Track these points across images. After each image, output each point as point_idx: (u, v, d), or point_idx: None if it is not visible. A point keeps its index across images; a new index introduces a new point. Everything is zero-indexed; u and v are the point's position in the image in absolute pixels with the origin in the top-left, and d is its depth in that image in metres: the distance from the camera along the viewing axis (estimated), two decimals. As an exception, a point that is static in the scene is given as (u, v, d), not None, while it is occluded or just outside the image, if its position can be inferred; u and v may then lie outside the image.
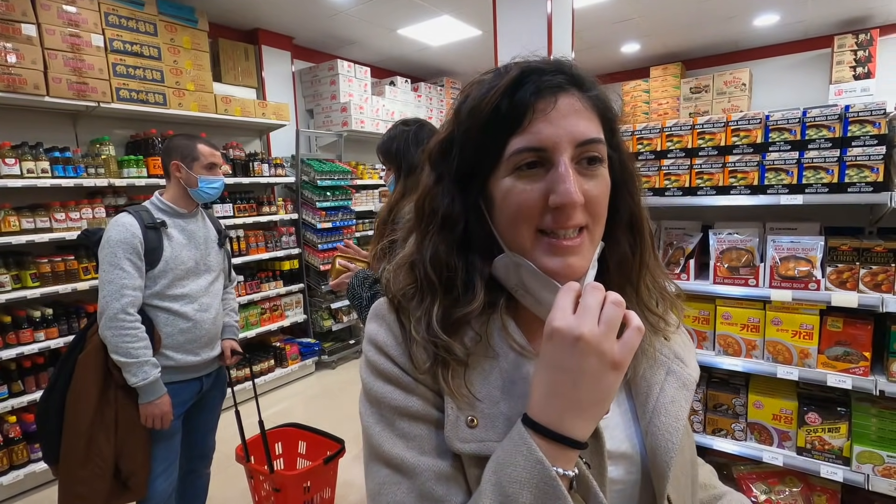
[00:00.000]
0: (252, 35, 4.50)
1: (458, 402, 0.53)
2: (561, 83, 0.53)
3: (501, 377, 0.55)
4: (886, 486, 1.54)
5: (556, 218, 0.51)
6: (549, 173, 0.52)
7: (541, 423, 0.46)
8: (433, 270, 0.57)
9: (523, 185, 0.52)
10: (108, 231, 1.70)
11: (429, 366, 0.54)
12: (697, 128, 1.78)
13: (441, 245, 0.57)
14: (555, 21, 3.09)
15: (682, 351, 0.65)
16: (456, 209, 0.57)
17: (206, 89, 3.67)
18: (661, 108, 5.89)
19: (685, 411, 0.60)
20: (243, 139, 4.36)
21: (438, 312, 0.55)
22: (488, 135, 0.54)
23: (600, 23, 4.88)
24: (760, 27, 5.15)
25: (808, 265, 1.63)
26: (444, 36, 5.00)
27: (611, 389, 0.46)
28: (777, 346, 1.70)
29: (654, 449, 0.57)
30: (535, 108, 0.52)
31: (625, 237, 0.60)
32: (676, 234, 1.98)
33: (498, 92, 0.53)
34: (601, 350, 0.45)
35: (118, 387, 1.67)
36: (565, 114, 0.52)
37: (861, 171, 1.52)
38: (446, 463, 0.52)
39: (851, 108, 1.55)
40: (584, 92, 0.54)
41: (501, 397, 0.54)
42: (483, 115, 0.54)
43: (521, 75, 0.53)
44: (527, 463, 0.45)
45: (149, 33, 3.33)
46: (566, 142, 0.51)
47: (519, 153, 0.52)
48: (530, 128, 0.52)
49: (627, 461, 0.58)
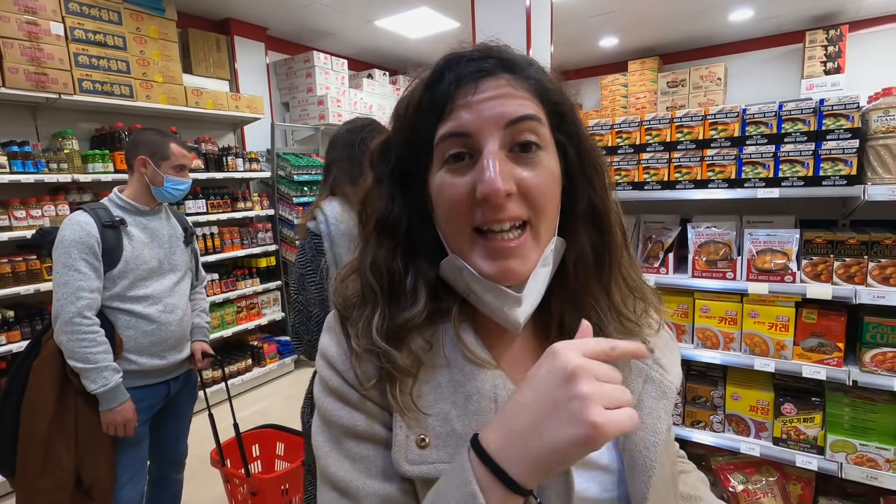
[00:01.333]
0: (224, 25, 4.36)
1: (407, 420, 0.49)
2: (486, 68, 0.50)
3: (454, 391, 0.50)
4: (859, 474, 1.57)
5: (486, 212, 0.47)
6: (476, 164, 0.48)
7: (485, 449, 0.40)
8: (373, 276, 0.53)
9: (452, 179, 0.49)
10: (62, 231, 1.61)
11: (375, 381, 0.50)
12: (676, 121, 1.77)
13: (381, 249, 0.54)
14: (533, 14, 3.06)
15: (662, 354, 0.59)
16: (395, 211, 0.54)
17: (176, 81, 3.54)
18: (639, 101, 5.93)
19: (665, 423, 0.55)
20: (216, 133, 4.23)
21: (380, 321, 0.51)
22: (417, 130, 0.51)
23: (579, 16, 4.88)
24: (735, 22, 5.22)
25: (783, 258, 1.64)
26: (422, 28, 4.93)
27: (572, 449, 0.37)
28: (754, 339, 1.71)
29: (633, 466, 0.52)
30: (454, 95, 0.49)
31: (586, 233, 0.55)
32: (655, 227, 1.98)
33: (421, 86, 0.51)
34: (588, 399, 0.37)
35: (77, 393, 1.59)
36: (489, 97, 0.48)
37: (835, 165, 1.53)
38: (393, 486, 0.48)
39: (826, 102, 1.55)
40: (514, 74, 0.50)
41: (455, 414, 0.49)
42: (410, 111, 0.52)
43: (444, 65, 0.51)
44: (460, 496, 0.40)
45: (113, 22, 3.19)
46: (492, 125, 0.47)
47: (444, 140, 0.49)
48: (452, 115, 0.49)
49: (607, 475, 0.54)
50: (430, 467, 0.47)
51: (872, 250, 1.52)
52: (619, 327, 0.56)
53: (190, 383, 1.97)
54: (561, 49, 5.83)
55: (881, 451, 1.54)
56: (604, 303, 0.56)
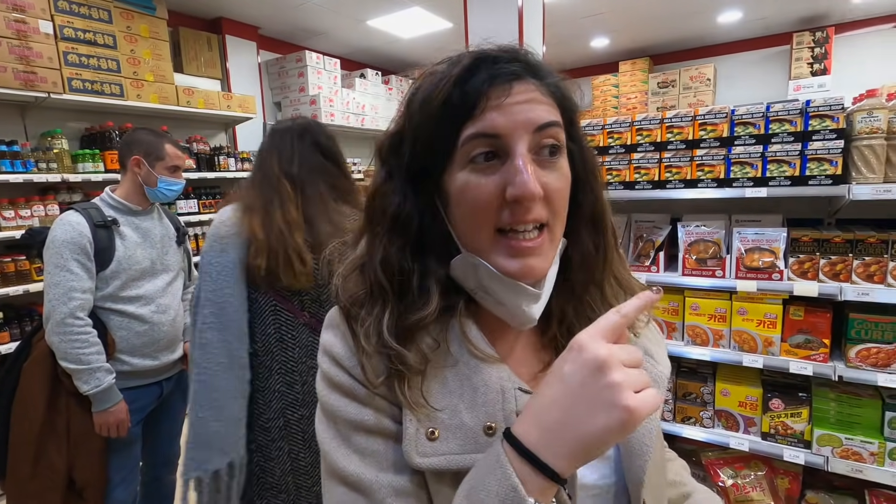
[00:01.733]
0: (215, 24, 4.34)
1: (416, 414, 0.50)
2: (516, 71, 0.50)
3: (462, 385, 0.51)
4: (844, 468, 1.61)
5: (514, 212, 0.48)
6: (505, 165, 0.49)
7: (523, 443, 0.42)
8: (384, 274, 0.53)
9: (478, 179, 0.49)
10: (53, 230, 1.60)
11: (383, 378, 0.51)
12: (666, 122, 1.80)
13: (392, 247, 0.53)
14: (526, 15, 3.08)
15: (653, 346, 0.62)
16: (407, 208, 0.53)
17: (167, 80, 3.52)
18: (630, 102, 5.98)
19: (658, 410, 0.58)
20: (207, 132, 4.20)
21: (390, 320, 0.52)
22: (440, 127, 0.50)
23: (570, 17, 4.91)
24: (724, 24, 5.28)
25: (771, 256, 1.67)
26: (415, 28, 4.94)
27: (609, 436, 0.40)
28: (743, 336, 1.74)
29: (630, 454, 0.55)
30: (488, 95, 0.48)
31: (588, 234, 0.57)
32: (646, 226, 2.01)
33: (450, 81, 0.50)
34: (620, 387, 0.39)
35: (69, 394, 1.58)
36: (521, 100, 0.49)
37: (821, 165, 1.56)
38: (405, 478, 0.49)
39: (812, 103, 1.58)
40: (540, 80, 0.51)
41: (463, 407, 0.50)
42: (434, 107, 0.50)
43: (474, 63, 0.50)
44: (500, 487, 0.41)
45: (103, 20, 3.16)
46: (522, 129, 0.48)
47: (472, 140, 0.49)
48: (483, 116, 0.48)
49: (605, 464, 0.56)
50: (440, 458, 0.48)
51: (857, 248, 1.55)
52: None
53: (183, 384, 1.96)
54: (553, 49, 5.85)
55: (866, 444, 1.58)
56: (598, 298, 0.58)
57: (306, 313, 1.30)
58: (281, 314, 1.30)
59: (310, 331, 1.30)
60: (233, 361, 1.23)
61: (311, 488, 1.30)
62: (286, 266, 1.22)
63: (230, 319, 1.23)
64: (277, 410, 1.29)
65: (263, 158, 1.37)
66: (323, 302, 1.30)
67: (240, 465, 1.25)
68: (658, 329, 0.68)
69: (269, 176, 1.32)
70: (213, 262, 1.24)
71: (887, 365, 1.53)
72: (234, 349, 1.24)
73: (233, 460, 1.23)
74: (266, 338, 1.29)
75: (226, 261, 1.24)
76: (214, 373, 1.21)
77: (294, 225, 1.24)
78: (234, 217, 1.29)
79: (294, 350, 1.29)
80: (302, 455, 1.30)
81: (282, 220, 1.24)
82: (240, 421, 1.25)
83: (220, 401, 1.21)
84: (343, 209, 1.33)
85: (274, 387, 1.29)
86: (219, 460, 1.21)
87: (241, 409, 1.26)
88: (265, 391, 1.29)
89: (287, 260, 1.22)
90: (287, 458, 1.29)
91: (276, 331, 1.29)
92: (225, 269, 1.24)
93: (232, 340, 1.23)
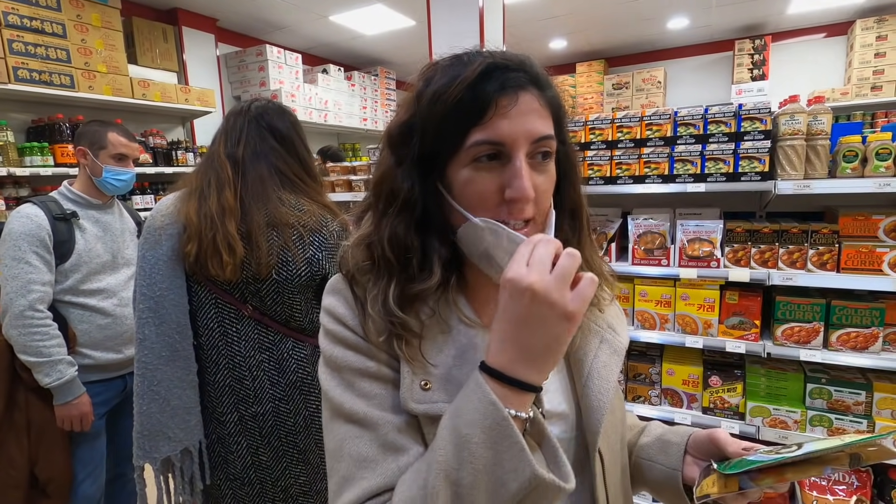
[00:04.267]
0: (171, 15, 4.22)
1: (413, 367, 0.57)
2: (522, 81, 0.56)
3: (455, 347, 0.60)
4: (773, 435, 1.79)
5: (511, 210, 0.56)
6: (505, 167, 0.56)
7: (495, 368, 0.49)
8: (391, 250, 0.59)
9: (481, 177, 0.56)
10: (10, 223, 1.57)
11: (384, 338, 0.58)
12: (616, 122, 1.93)
13: (400, 226, 0.59)
14: (486, 15, 3.17)
15: (615, 321, 0.72)
16: (416, 192, 0.59)
17: (121, 72, 3.41)
18: (587, 102, 6.21)
19: (616, 374, 0.66)
20: (164, 126, 4.09)
21: (395, 290, 0.58)
22: (450, 124, 0.56)
23: (530, 19, 5.06)
24: (673, 29, 5.57)
25: (710, 246, 1.83)
26: (378, 25, 4.95)
27: (562, 338, 0.47)
28: (685, 319, 1.90)
29: (588, 409, 0.63)
30: (497, 103, 0.54)
31: (567, 223, 0.65)
32: (599, 220, 2.14)
33: (463, 84, 0.54)
34: (551, 299, 0.46)
35: (28, 390, 1.56)
36: (525, 112, 0.55)
37: (752, 163, 1.73)
38: (403, 419, 0.57)
39: (744, 107, 1.75)
40: (541, 91, 0.58)
41: (454, 364, 0.59)
42: (446, 105, 0.55)
43: (487, 69, 0.55)
44: (480, 405, 0.48)
45: (51, 7, 3.03)
46: (523, 138, 0.55)
47: (478, 145, 0.55)
48: (491, 123, 0.54)
49: (564, 421, 0.64)
50: (432, 405, 0.56)
51: (782, 238, 1.73)
52: None
53: None
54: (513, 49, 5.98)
55: (790, 413, 1.76)
56: None
57: (249, 306, 1.24)
58: (223, 307, 1.23)
59: (255, 324, 1.24)
60: (175, 354, 1.20)
61: (276, 482, 1.28)
62: (213, 255, 1.15)
63: (167, 313, 1.20)
64: (230, 405, 1.25)
65: (213, 141, 1.31)
66: (264, 296, 1.22)
67: (198, 450, 1.25)
68: (620, 309, 0.78)
69: (213, 158, 1.26)
70: (147, 255, 1.20)
71: (808, 342, 1.72)
72: (176, 342, 1.20)
73: (188, 447, 1.23)
74: (209, 332, 1.24)
75: (159, 254, 1.20)
76: (155, 366, 1.19)
77: (228, 211, 1.17)
78: (171, 206, 1.24)
79: (240, 344, 1.23)
80: (262, 451, 1.26)
81: (216, 205, 1.17)
82: (190, 409, 1.23)
83: (163, 393, 1.20)
84: (288, 198, 1.25)
85: (223, 381, 1.25)
86: (167, 448, 1.21)
87: (191, 398, 1.23)
88: (215, 385, 1.25)
89: (215, 248, 1.15)
90: (247, 452, 1.26)
91: (220, 325, 1.23)
92: (158, 262, 1.20)
93: (172, 334, 1.20)
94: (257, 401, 1.24)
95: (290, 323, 1.27)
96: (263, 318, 1.24)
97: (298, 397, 1.26)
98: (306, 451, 1.29)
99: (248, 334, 1.23)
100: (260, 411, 1.24)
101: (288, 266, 1.21)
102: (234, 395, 1.25)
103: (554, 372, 0.66)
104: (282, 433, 1.26)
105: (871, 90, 4.76)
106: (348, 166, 2.78)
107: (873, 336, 1.63)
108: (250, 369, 1.24)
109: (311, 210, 1.25)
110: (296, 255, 1.21)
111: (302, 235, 1.22)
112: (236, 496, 1.28)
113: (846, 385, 1.72)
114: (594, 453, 0.63)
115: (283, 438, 1.26)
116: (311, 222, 1.24)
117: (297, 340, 1.27)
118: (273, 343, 1.25)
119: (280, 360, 1.25)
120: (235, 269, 1.17)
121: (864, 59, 4.83)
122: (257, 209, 1.20)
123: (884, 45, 4.76)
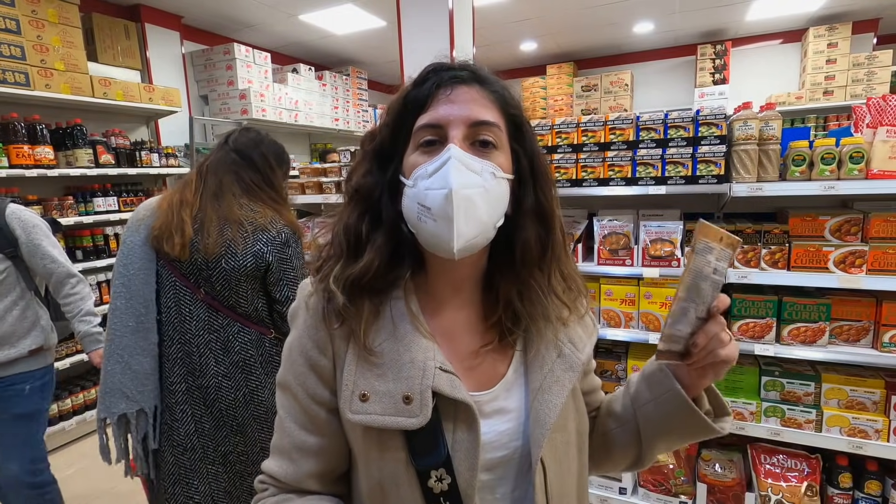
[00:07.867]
0: (133, 11, 4.10)
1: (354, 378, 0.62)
2: (462, 77, 0.63)
3: (394, 359, 0.62)
4: (730, 427, 1.86)
5: None
6: (443, 149, 0.60)
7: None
8: (343, 235, 0.65)
9: (421, 158, 0.61)
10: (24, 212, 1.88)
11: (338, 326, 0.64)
12: (582, 126, 1.98)
13: (353, 214, 0.66)
14: (456, 17, 3.20)
15: (577, 337, 0.70)
16: (370, 181, 0.66)
17: (80, 70, 3.30)
18: (557, 104, 6.32)
19: (567, 390, 0.65)
20: (127, 126, 3.97)
21: (339, 270, 0.64)
22: (401, 118, 0.64)
23: (500, 21, 5.11)
24: (638, 34, 5.72)
25: (671, 246, 1.90)
26: (348, 25, 4.93)
27: None
28: (649, 317, 1.97)
29: (535, 421, 0.64)
30: (438, 92, 0.62)
31: (532, 225, 0.66)
32: (567, 221, 2.18)
33: (411, 83, 0.64)
34: None
35: None
36: (464, 100, 0.61)
37: (709, 166, 1.81)
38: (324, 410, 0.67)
39: (701, 112, 1.82)
40: (483, 86, 0.63)
41: (391, 377, 0.61)
42: (397, 104, 0.65)
43: (430, 70, 0.64)
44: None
45: (3, 3, 2.91)
46: (460, 121, 0.60)
47: (421, 129, 0.62)
48: (432, 108, 0.62)
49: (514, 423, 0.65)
50: (367, 416, 0.60)
51: (737, 238, 1.81)
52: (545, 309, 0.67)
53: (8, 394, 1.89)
54: (484, 51, 6.05)
55: (747, 405, 1.85)
56: (544, 286, 0.68)
57: (202, 290, 1.43)
58: (180, 289, 1.43)
59: (206, 307, 1.43)
60: (139, 325, 1.40)
61: (217, 448, 1.45)
62: (168, 235, 1.39)
63: (137, 289, 1.41)
64: (180, 376, 1.43)
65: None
66: (214, 282, 1.42)
67: (152, 413, 1.42)
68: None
69: (191, 173, 1.57)
70: (127, 239, 1.45)
71: (762, 337, 1.81)
72: (141, 314, 1.41)
73: (143, 408, 1.40)
74: (168, 310, 1.44)
75: (136, 239, 1.44)
76: (122, 334, 1.39)
77: (186, 203, 1.43)
78: (154, 202, 1.50)
79: (191, 323, 1.42)
80: (205, 420, 1.44)
81: (177, 199, 1.45)
82: (149, 375, 1.41)
83: (126, 357, 1.39)
84: (247, 202, 1.48)
85: (175, 354, 1.43)
86: (125, 406, 1.38)
87: (150, 366, 1.41)
88: (168, 357, 1.44)
89: (169, 230, 1.39)
90: (191, 420, 1.43)
91: (176, 304, 1.43)
92: (135, 245, 1.43)
93: (138, 307, 1.40)
94: (203, 374, 1.42)
95: (237, 309, 1.45)
96: (214, 302, 1.43)
97: (240, 376, 1.44)
98: (244, 424, 1.45)
99: (199, 315, 1.43)
100: (205, 384, 1.43)
101: (236, 257, 1.41)
102: (183, 367, 1.43)
103: (514, 376, 0.67)
104: (223, 406, 1.43)
105: (824, 94, 5.00)
106: (319, 168, 2.76)
107: (821, 330, 1.73)
108: (198, 346, 1.42)
109: (263, 213, 1.48)
110: (244, 248, 1.41)
111: (250, 232, 1.43)
112: (178, 462, 1.44)
113: (797, 377, 1.82)
114: (536, 464, 0.63)
115: (223, 410, 1.43)
116: (261, 221, 1.45)
117: (242, 325, 1.45)
118: (221, 326, 1.43)
119: (226, 341, 1.43)
120: (185, 248, 1.39)
121: (817, 65, 5.07)
122: (212, 206, 1.44)
123: (835, 52, 5.00)
